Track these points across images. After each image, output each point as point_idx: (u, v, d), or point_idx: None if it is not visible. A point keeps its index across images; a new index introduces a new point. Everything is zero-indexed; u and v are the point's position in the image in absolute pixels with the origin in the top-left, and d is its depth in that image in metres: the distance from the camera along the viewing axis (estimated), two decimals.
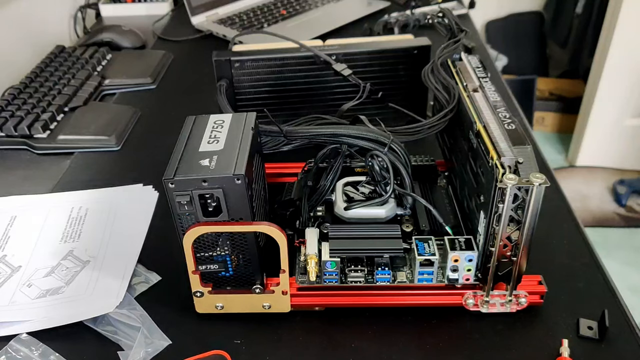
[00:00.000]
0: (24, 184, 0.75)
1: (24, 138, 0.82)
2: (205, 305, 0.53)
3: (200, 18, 1.19)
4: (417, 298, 0.52)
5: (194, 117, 0.55)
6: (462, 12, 1.20)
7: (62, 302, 0.55)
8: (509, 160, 0.46)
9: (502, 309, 0.52)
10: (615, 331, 0.50)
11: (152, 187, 0.72)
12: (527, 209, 0.45)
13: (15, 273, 0.59)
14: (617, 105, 1.92)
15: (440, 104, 0.62)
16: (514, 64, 2.32)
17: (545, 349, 0.49)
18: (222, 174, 0.46)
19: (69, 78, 0.94)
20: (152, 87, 0.98)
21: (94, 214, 0.67)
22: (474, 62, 0.62)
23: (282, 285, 0.51)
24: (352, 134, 0.56)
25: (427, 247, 0.50)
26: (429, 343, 0.50)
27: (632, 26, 1.77)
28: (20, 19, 1.09)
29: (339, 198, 0.58)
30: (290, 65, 0.76)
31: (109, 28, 1.14)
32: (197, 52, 1.11)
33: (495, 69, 1.04)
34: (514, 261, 0.48)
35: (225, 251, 0.50)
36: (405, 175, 0.56)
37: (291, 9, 1.23)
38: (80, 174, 0.76)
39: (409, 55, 0.77)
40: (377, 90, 0.77)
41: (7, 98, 0.87)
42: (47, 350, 0.51)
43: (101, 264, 0.60)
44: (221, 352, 0.49)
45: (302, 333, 0.52)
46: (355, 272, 0.52)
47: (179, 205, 0.47)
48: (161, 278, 0.58)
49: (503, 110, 0.52)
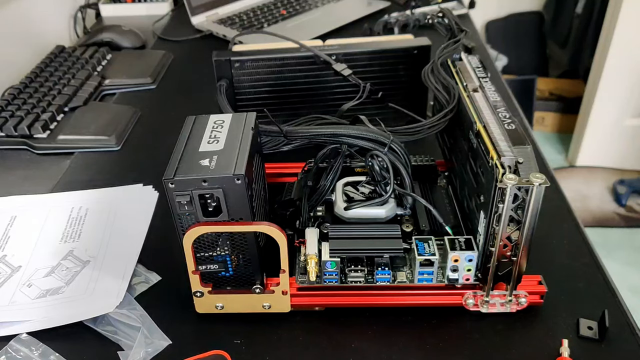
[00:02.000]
0: (24, 184, 0.75)
1: (24, 138, 0.82)
2: (205, 305, 0.53)
3: (200, 18, 1.19)
4: (417, 298, 0.52)
5: (194, 117, 0.55)
6: (462, 12, 1.20)
7: (62, 302, 0.55)
8: (509, 160, 0.46)
9: (502, 309, 0.52)
10: (615, 331, 0.50)
11: (152, 187, 0.72)
12: (527, 209, 0.45)
13: (15, 273, 0.59)
14: (617, 105, 1.92)
15: (440, 104, 0.62)
16: (514, 64, 2.32)
17: (545, 349, 0.49)
18: (222, 174, 0.46)
19: (69, 78, 0.94)
20: (152, 87, 0.98)
21: (94, 214, 0.67)
22: (474, 62, 0.62)
23: (282, 285, 0.51)
24: (352, 134, 0.56)
25: (427, 247, 0.50)
26: (429, 343, 0.50)
27: (632, 26, 1.77)
28: (20, 19, 1.09)
29: (339, 198, 0.58)
30: (290, 65, 0.76)
31: (109, 28, 1.14)
32: (197, 52, 1.11)
33: (495, 69, 1.04)
34: (514, 261, 0.48)
35: (225, 251, 0.50)
36: (405, 175, 0.56)
37: (291, 9, 1.23)
38: (80, 174, 0.76)
39: (409, 55, 0.77)
40: (377, 90, 0.77)
41: (7, 98, 0.87)
42: (47, 350, 0.51)
43: (101, 264, 0.60)
44: (221, 352, 0.49)
45: (302, 333, 0.52)
46: (355, 272, 0.52)
47: (179, 205, 0.47)
48: (161, 278, 0.58)
49: (503, 110, 0.52)
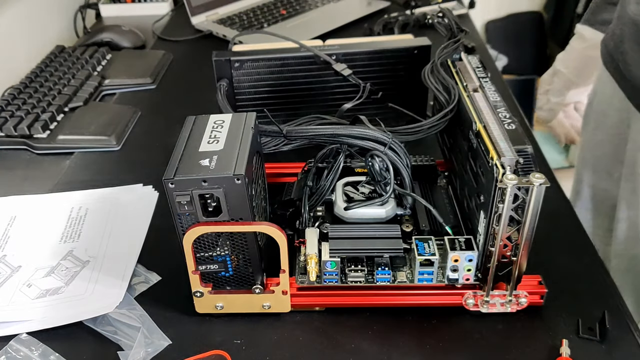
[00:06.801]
0: (24, 184, 0.75)
1: (24, 138, 0.82)
2: (205, 305, 0.53)
3: (200, 18, 1.19)
4: (417, 298, 0.52)
5: (194, 117, 0.55)
6: (462, 12, 1.20)
7: (62, 302, 0.55)
8: (509, 160, 0.46)
9: (502, 309, 0.52)
10: (615, 332, 0.50)
11: (152, 187, 0.71)
12: (527, 209, 0.45)
13: (15, 273, 0.59)
14: None
15: (440, 104, 0.62)
16: (514, 64, 2.32)
17: (545, 349, 0.49)
18: (222, 174, 0.46)
19: (69, 78, 0.94)
20: (152, 87, 0.98)
21: (93, 214, 0.67)
22: (474, 62, 0.62)
23: (282, 285, 0.51)
24: (352, 134, 0.56)
25: (427, 247, 0.50)
26: (429, 343, 0.50)
27: None
28: (20, 19, 1.09)
29: (339, 198, 0.58)
30: (290, 65, 0.76)
31: (109, 28, 1.14)
32: (197, 52, 1.11)
33: (495, 69, 1.04)
34: (514, 261, 0.48)
35: (225, 251, 0.50)
36: (405, 175, 0.56)
37: (291, 9, 1.23)
38: (80, 174, 0.76)
39: (409, 55, 0.77)
40: (377, 90, 0.78)
41: (7, 98, 0.87)
42: (47, 350, 0.51)
43: (101, 264, 0.60)
44: (221, 352, 0.49)
45: (302, 333, 0.52)
46: (355, 272, 0.52)
47: (179, 205, 0.47)
48: (161, 278, 0.58)
49: (503, 110, 0.52)
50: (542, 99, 1.07)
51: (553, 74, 1.03)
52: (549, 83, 1.04)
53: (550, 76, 1.04)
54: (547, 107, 1.05)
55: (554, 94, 1.03)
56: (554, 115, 1.05)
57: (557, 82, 1.01)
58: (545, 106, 1.06)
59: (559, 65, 1.01)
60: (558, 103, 1.03)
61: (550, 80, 1.04)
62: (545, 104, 1.06)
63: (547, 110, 1.06)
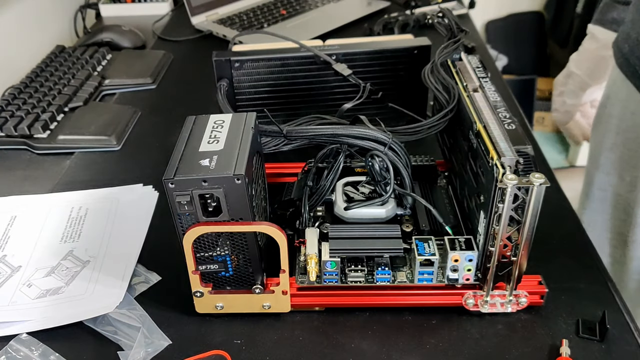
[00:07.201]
0: (24, 184, 0.75)
1: (24, 138, 0.82)
2: (205, 305, 0.53)
3: (200, 18, 1.19)
4: (417, 298, 0.52)
5: (194, 117, 0.55)
6: (462, 12, 1.20)
7: (62, 302, 0.55)
8: (509, 160, 0.46)
9: (502, 309, 0.52)
10: (615, 332, 0.50)
11: (152, 187, 0.72)
12: (527, 209, 0.45)
13: (15, 273, 0.59)
14: None
15: (440, 104, 0.62)
16: (514, 64, 2.32)
17: (545, 349, 0.49)
18: (222, 174, 0.46)
19: (69, 78, 0.94)
20: (152, 87, 0.98)
21: (94, 214, 0.67)
22: (474, 62, 0.62)
23: (282, 285, 0.51)
24: (352, 134, 0.56)
25: (427, 247, 0.50)
26: (429, 343, 0.50)
27: None
28: (20, 19, 1.10)
29: (339, 198, 0.58)
30: (290, 65, 0.76)
31: (109, 28, 1.14)
32: (197, 52, 1.11)
33: (495, 69, 1.04)
34: (514, 261, 0.48)
35: (225, 251, 0.50)
36: (405, 175, 0.56)
37: (291, 9, 1.23)
38: (80, 174, 0.76)
39: (409, 55, 0.77)
40: (377, 90, 0.77)
41: (7, 98, 0.87)
42: (47, 350, 0.51)
43: (101, 264, 0.60)
44: (221, 352, 0.49)
45: (302, 333, 0.52)
46: (355, 272, 0.52)
47: (179, 205, 0.47)
48: (161, 278, 0.58)
49: (503, 110, 0.52)
50: (557, 100, 1.06)
51: (567, 76, 1.02)
52: (563, 85, 1.03)
53: (564, 77, 1.02)
54: (563, 109, 1.04)
55: (569, 96, 1.02)
56: (570, 117, 1.04)
57: (572, 83, 1.00)
58: (561, 108, 1.05)
59: (573, 66, 1.00)
60: (574, 105, 1.02)
61: (564, 81, 1.02)
62: (561, 105, 1.05)
63: (563, 113, 1.05)
